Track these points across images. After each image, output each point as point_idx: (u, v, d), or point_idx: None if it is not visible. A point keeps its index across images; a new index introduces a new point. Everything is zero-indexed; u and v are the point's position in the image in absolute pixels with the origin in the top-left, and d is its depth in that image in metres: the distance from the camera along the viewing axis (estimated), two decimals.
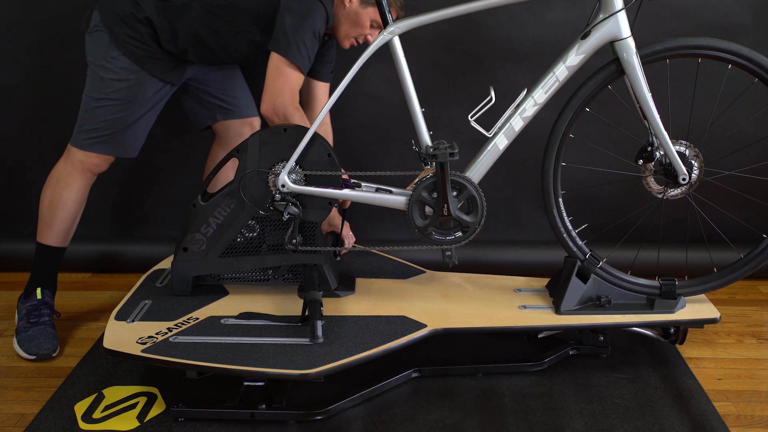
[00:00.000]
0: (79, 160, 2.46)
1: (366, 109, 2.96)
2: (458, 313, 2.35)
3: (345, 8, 2.37)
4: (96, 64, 2.39)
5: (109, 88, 2.38)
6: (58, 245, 2.56)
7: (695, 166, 2.29)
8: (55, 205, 2.50)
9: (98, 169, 2.50)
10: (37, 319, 2.51)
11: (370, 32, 2.42)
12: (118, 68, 2.36)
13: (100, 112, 2.40)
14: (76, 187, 2.49)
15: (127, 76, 2.37)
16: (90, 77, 2.42)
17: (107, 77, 2.37)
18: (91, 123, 2.42)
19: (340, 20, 2.39)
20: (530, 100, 2.26)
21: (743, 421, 2.16)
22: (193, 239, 2.39)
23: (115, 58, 2.36)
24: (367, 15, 2.37)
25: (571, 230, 2.39)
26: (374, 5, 2.32)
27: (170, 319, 2.29)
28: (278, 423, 2.12)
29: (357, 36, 2.43)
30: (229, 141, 2.69)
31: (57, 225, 2.52)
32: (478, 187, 2.29)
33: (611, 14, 2.17)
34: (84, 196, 2.53)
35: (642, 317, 2.34)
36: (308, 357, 2.09)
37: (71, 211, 2.52)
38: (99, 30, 2.37)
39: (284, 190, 2.31)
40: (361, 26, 2.39)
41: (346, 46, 2.47)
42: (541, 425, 2.11)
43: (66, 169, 2.48)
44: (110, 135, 2.43)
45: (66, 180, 2.48)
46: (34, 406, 2.21)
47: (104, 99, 2.39)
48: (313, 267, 2.41)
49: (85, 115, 2.43)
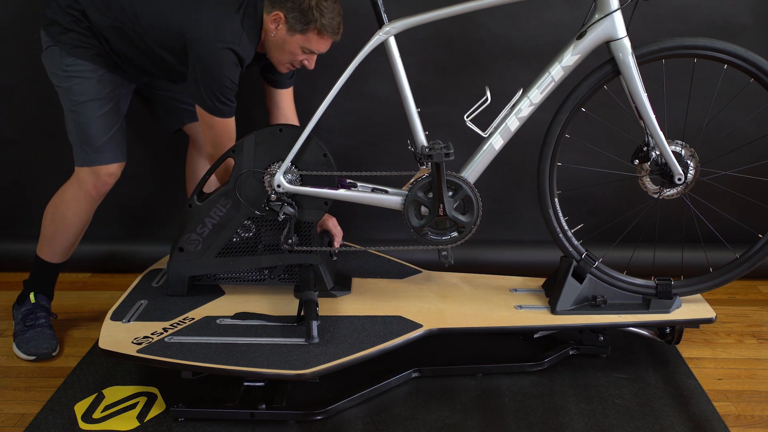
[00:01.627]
0: (91, 180, 2.42)
1: (362, 109, 2.96)
2: (454, 313, 2.35)
3: (272, 36, 2.29)
4: (58, 77, 2.38)
5: (78, 91, 2.35)
6: (58, 262, 2.56)
7: (691, 166, 2.29)
8: (58, 226, 2.49)
9: (108, 185, 2.44)
10: (33, 321, 2.52)
11: (303, 57, 2.33)
12: (77, 71, 2.35)
13: (84, 117, 2.37)
14: (81, 210, 2.47)
15: (87, 75, 2.35)
16: (60, 94, 2.40)
17: (72, 84, 2.35)
18: (83, 132, 2.38)
19: (269, 47, 2.33)
20: (526, 100, 2.26)
21: (743, 421, 2.16)
22: (189, 239, 2.39)
23: (71, 64, 2.34)
24: (294, 42, 2.28)
25: (566, 230, 2.39)
26: (301, 32, 2.25)
27: (166, 319, 2.29)
28: (278, 423, 2.12)
29: (290, 62, 2.35)
30: (200, 142, 2.67)
31: (58, 245, 2.52)
32: (474, 187, 2.30)
33: (607, 14, 2.17)
34: (88, 219, 2.51)
35: (638, 317, 2.35)
36: (304, 357, 2.09)
37: (74, 233, 2.51)
38: (50, 46, 2.37)
39: (280, 190, 2.31)
40: (291, 53, 2.31)
41: (283, 71, 2.42)
42: (541, 425, 2.11)
43: (74, 192, 2.45)
44: (108, 139, 2.40)
45: (71, 203, 2.46)
46: (34, 406, 2.21)
47: (80, 104, 2.36)
48: (309, 267, 2.41)
49: (75, 129, 2.39)
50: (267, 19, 2.28)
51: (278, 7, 2.25)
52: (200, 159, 2.73)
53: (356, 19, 2.61)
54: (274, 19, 2.26)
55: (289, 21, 2.25)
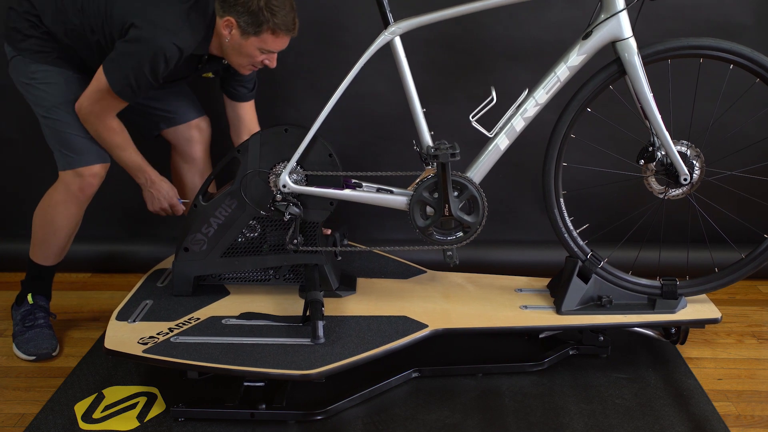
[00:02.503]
0: (76, 182, 2.39)
1: (367, 109, 2.96)
2: (459, 313, 2.35)
3: (227, 41, 2.28)
4: (26, 86, 2.37)
5: (47, 97, 2.35)
6: (51, 264, 2.56)
7: (696, 166, 2.29)
8: (48, 230, 2.47)
9: (94, 186, 2.41)
10: (32, 322, 2.51)
11: (263, 58, 2.31)
12: (42, 77, 2.34)
13: (58, 122, 2.35)
14: (69, 214, 2.44)
15: (53, 79, 2.34)
16: (31, 103, 2.39)
17: (39, 91, 2.35)
18: (60, 137, 2.36)
19: (227, 52, 2.32)
20: (531, 100, 2.26)
21: (743, 421, 2.16)
22: (194, 239, 2.39)
23: (36, 71, 2.34)
24: (250, 45, 2.26)
25: (572, 230, 2.38)
26: (255, 35, 2.23)
27: (171, 319, 2.29)
28: (278, 423, 2.12)
29: (250, 63, 2.33)
30: (180, 147, 2.67)
31: (50, 248, 2.51)
32: (479, 188, 2.29)
33: (613, 14, 2.17)
34: (78, 220, 2.49)
35: (643, 317, 2.34)
36: (309, 357, 2.09)
37: (65, 236, 2.49)
38: (13, 57, 2.37)
39: (285, 191, 2.31)
40: (249, 55, 2.29)
41: (245, 73, 2.41)
42: (541, 425, 2.11)
43: (61, 196, 2.42)
44: (86, 140, 2.37)
45: (58, 207, 2.43)
46: (34, 406, 2.21)
47: (52, 109, 2.35)
48: (314, 267, 2.41)
49: (52, 135, 2.38)
50: (219, 24, 2.26)
51: (228, 12, 2.23)
52: (184, 165, 2.70)
53: (361, 20, 2.62)
54: (226, 25, 2.24)
55: (241, 25, 2.23)
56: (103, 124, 2.33)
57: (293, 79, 2.94)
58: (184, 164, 2.70)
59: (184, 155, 2.67)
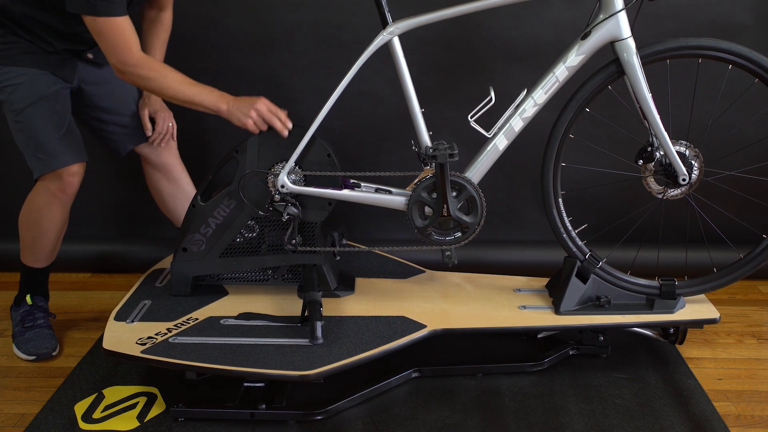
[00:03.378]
0: (55, 184, 2.36)
1: (365, 110, 2.96)
2: (458, 313, 2.35)
3: None
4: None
5: (14, 100, 2.31)
6: (43, 266, 2.55)
7: (695, 167, 2.29)
8: (35, 234, 2.46)
9: (74, 185, 2.39)
10: (31, 323, 2.52)
11: None
12: (6, 79, 2.31)
13: (29, 125, 2.32)
14: (53, 216, 2.42)
15: (18, 80, 2.31)
16: (5, 110, 2.36)
17: (5, 95, 2.32)
18: (33, 140, 2.33)
19: None
20: (530, 100, 2.26)
21: (743, 421, 2.16)
22: (193, 239, 2.39)
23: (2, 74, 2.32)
24: None
25: (570, 230, 2.39)
26: None
27: (170, 319, 2.29)
28: (278, 423, 2.12)
29: None
30: (152, 162, 2.66)
31: (40, 251, 2.51)
32: (478, 188, 2.29)
33: (612, 14, 2.17)
34: (64, 220, 2.47)
35: (642, 317, 2.34)
36: (308, 358, 2.09)
37: (53, 237, 2.48)
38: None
39: (283, 191, 2.31)
40: None
41: None
42: (541, 425, 2.11)
43: (42, 199, 2.40)
44: (59, 139, 2.34)
45: (42, 210, 2.41)
46: (34, 406, 2.21)
47: (21, 112, 2.31)
48: (312, 267, 2.41)
49: (24, 139, 2.34)
50: None
51: None
52: (154, 173, 2.69)
53: (360, 20, 2.62)
54: None
55: None
56: (145, 63, 2.22)
57: (292, 79, 2.94)
58: (155, 173, 2.69)
59: (158, 169, 2.67)
